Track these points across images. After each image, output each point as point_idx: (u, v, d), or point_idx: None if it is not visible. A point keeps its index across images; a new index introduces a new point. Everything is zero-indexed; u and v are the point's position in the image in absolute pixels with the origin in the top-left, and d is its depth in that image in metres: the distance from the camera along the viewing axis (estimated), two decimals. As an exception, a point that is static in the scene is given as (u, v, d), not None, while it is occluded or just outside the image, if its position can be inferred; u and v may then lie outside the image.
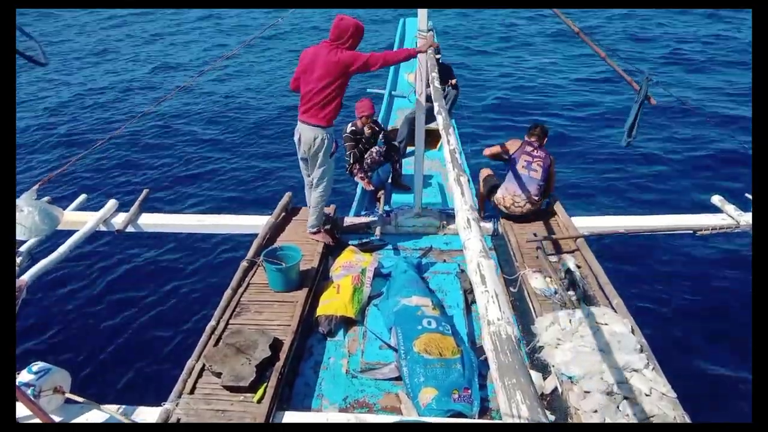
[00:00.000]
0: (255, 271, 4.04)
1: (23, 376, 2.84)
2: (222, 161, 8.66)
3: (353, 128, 5.57)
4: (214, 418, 2.82)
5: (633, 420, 2.67)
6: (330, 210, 4.78)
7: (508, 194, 4.63)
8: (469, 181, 2.23)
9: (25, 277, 3.67)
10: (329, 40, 3.93)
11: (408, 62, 8.74)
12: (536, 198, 4.58)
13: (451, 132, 2.60)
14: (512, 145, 4.75)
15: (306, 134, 4.08)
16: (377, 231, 4.75)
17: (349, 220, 4.99)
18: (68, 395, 2.96)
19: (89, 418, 2.94)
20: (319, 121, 4.01)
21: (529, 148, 4.66)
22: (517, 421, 1.03)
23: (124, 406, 2.98)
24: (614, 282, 3.74)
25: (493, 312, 1.33)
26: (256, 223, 4.69)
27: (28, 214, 3.38)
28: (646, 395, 2.79)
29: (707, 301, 5.40)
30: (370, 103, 5.57)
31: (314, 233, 4.48)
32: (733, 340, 4.78)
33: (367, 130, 5.57)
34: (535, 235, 4.37)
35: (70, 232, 4.41)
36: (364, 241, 4.77)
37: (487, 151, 4.94)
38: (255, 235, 4.45)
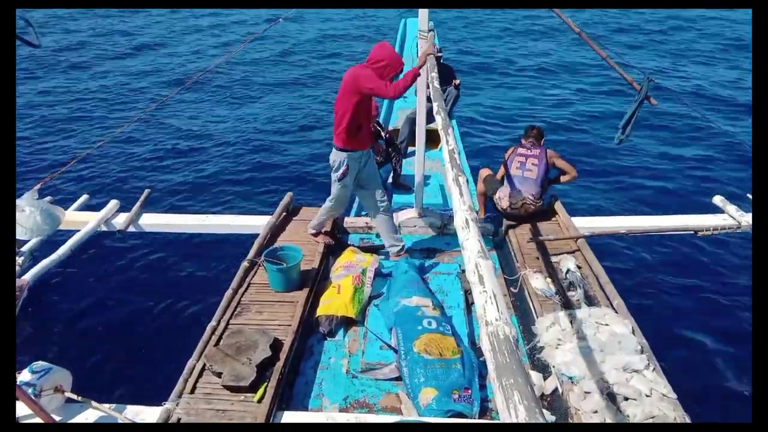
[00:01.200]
0: (256, 271, 4.05)
1: (24, 376, 2.85)
2: (223, 161, 8.66)
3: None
4: (214, 418, 2.83)
5: (633, 420, 2.67)
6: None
7: (504, 196, 4.63)
8: (468, 181, 2.22)
9: (27, 277, 3.69)
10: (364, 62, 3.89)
11: (409, 62, 8.80)
12: (532, 198, 4.55)
13: (450, 132, 2.59)
14: (510, 152, 4.77)
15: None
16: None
17: (350, 220, 4.99)
18: (69, 395, 2.96)
19: (90, 417, 2.95)
20: (334, 139, 4.02)
21: (522, 150, 4.67)
22: (514, 421, 1.03)
23: (124, 406, 2.99)
24: (615, 282, 3.73)
25: (491, 312, 1.33)
26: (257, 223, 4.70)
27: (30, 214, 3.40)
28: (647, 396, 2.79)
29: (708, 301, 5.38)
30: (375, 104, 5.60)
31: (313, 234, 4.50)
32: (733, 341, 4.77)
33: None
34: (535, 235, 4.37)
35: (72, 232, 4.43)
36: (364, 241, 4.78)
37: (499, 174, 4.94)
38: (256, 235, 4.46)
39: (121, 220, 4.75)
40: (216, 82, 12.40)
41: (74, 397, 2.96)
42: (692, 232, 4.46)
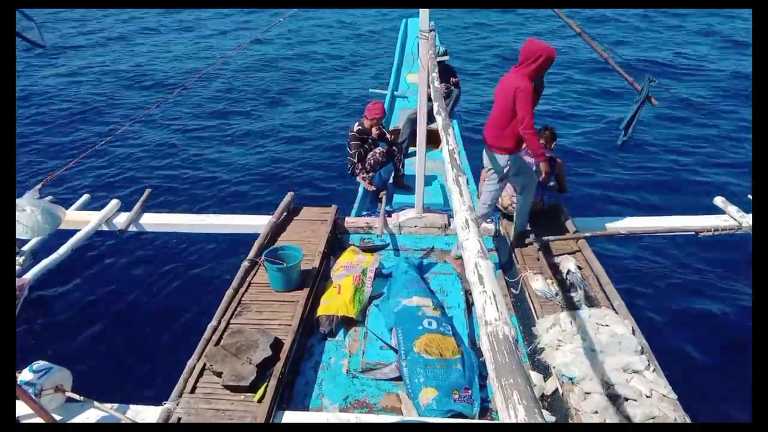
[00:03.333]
0: (256, 271, 4.05)
1: (24, 375, 2.85)
2: (224, 161, 8.67)
3: (360, 127, 5.57)
4: (214, 418, 2.83)
5: (633, 421, 2.67)
6: (332, 211, 4.81)
7: (506, 194, 4.62)
8: (468, 181, 2.23)
9: (27, 276, 3.70)
10: (516, 65, 3.86)
11: (409, 62, 8.79)
12: (535, 199, 4.54)
13: (450, 132, 2.60)
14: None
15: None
16: (379, 231, 4.75)
17: (351, 220, 4.99)
18: (69, 394, 2.97)
19: (90, 417, 2.95)
20: (502, 142, 3.98)
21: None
22: (513, 421, 1.04)
23: (125, 405, 2.99)
24: (615, 283, 3.73)
25: (490, 312, 1.33)
26: (258, 222, 4.70)
27: (31, 214, 3.40)
28: (647, 396, 2.79)
29: (708, 302, 5.38)
30: (383, 107, 5.61)
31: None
32: (733, 341, 4.77)
33: (375, 131, 5.58)
34: (536, 236, 4.36)
35: (72, 232, 4.43)
36: (365, 241, 4.78)
37: None
38: (256, 235, 4.46)
39: (121, 220, 4.76)
40: (217, 82, 12.40)
41: (75, 396, 2.96)
42: (693, 232, 4.45)
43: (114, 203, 4.86)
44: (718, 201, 4.82)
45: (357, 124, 5.62)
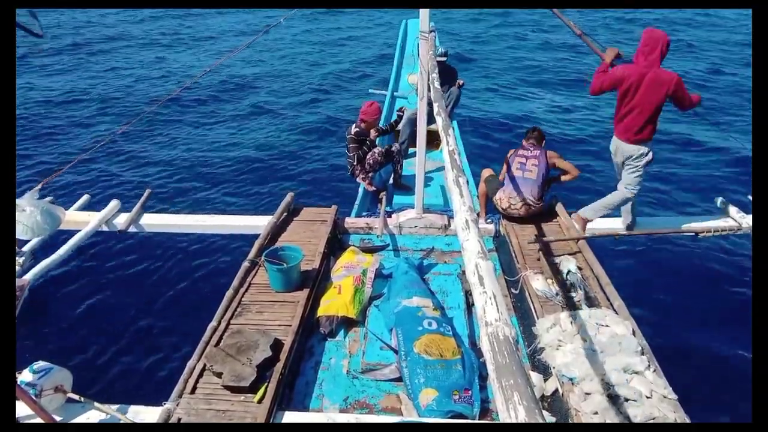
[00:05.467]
0: (256, 272, 4.04)
1: (25, 376, 2.85)
2: (224, 162, 8.67)
3: (357, 130, 5.58)
4: (214, 418, 2.82)
5: (633, 421, 2.67)
6: (332, 211, 4.81)
7: (504, 196, 4.64)
8: (468, 182, 2.22)
9: (27, 277, 3.70)
10: (643, 57, 4.14)
11: (410, 63, 8.81)
12: (532, 199, 4.55)
13: (450, 133, 2.60)
14: (511, 152, 4.78)
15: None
16: (379, 232, 4.75)
17: (351, 220, 4.99)
18: (69, 395, 2.96)
19: (90, 417, 2.95)
20: (639, 134, 4.27)
21: (522, 151, 4.68)
22: (514, 421, 1.04)
23: (125, 406, 2.99)
24: (616, 284, 3.73)
25: (491, 313, 1.33)
26: (258, 223, 4.71)
27: (30, 214, 3.40)
28: (647, 397, 2.79)
29: (708, 303, 5.38)
30: (378, 107, 5.60)
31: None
32: (733, 342, 4.77)
33: (373, 133, 5.59)
34: (536, 236, 4.37)
35: (72, 232, 4.43)
36: (365, 241, 4.78)
37: (501, 175, 4.93)
38: (257, 236, 4.46)
39: (121, 220, 4.76)
40: (218, 82, 12.42)
41: (75, 397, 2.96)
42: (693, 233, 4.45)
43: (114, 204, 4.86)
44: (718, 202, 4.82)
45: (354, 126, 5.62)
